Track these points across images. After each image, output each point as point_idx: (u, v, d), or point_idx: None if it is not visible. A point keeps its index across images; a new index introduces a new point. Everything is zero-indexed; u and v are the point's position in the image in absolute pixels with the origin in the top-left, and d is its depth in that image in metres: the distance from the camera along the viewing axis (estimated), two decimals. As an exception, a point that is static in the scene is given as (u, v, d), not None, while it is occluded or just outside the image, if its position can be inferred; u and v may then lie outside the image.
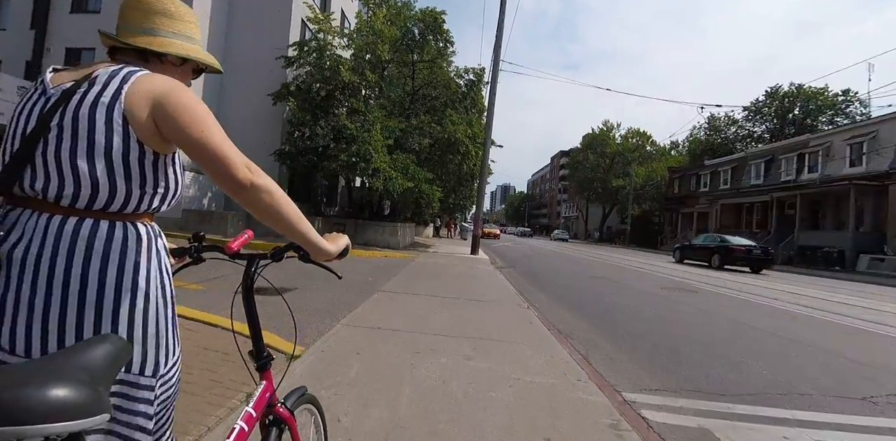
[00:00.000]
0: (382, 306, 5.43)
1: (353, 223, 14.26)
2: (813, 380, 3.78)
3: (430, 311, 5.29)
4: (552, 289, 8.98)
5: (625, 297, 8.39)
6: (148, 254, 0.92)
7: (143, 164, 0.89)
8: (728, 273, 15.39)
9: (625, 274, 13.08)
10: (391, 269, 9.39)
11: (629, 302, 7.77)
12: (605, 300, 7.83)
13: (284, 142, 13.85)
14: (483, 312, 5.53)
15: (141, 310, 0.89)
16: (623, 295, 8.65)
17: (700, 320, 6.51)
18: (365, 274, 8.35)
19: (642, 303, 7.77)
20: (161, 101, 0.87)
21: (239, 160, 0.87)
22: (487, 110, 15.65)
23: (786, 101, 44.30)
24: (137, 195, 0.90)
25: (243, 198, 0.89)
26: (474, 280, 8.75)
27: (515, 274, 11.48)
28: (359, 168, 12.08)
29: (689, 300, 8.36)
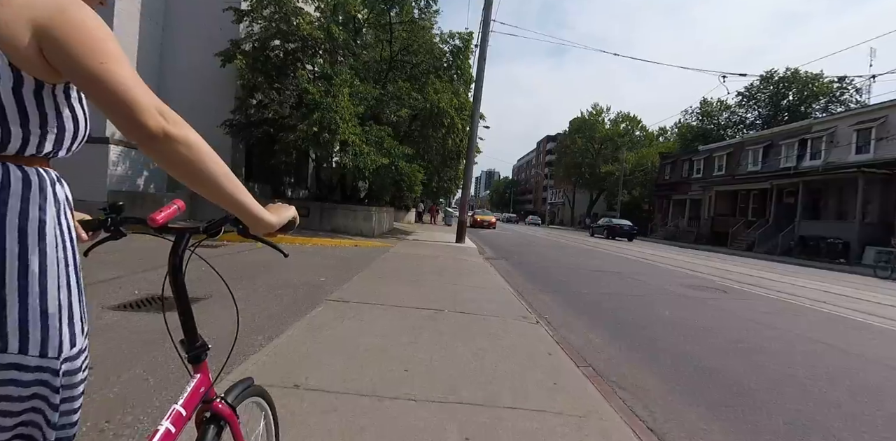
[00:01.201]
0: (320, 333, 3.52)
1: (318, 207, 12.21)
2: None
3: (398, 341, 3.41)
4: (556, 288, 7.20)
5: (648, 299, 6.66)
6: (41, 201, 0.75)
7: (21, 95, 0.70)
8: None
9: (631, 266, 11.41)
10: (357, 263, 7.48)
11: (658, 308, 6.02)
12: (627, 306, 6.07)
13: (234, 110, 11.61)
14: (479, 337, 3.69)
15: (36, 272, 0.73)
16: (645, 297, 6.92)
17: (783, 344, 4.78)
18: (319, 270, 6.42)
19: (679, 310, 6.03)
20: (47, 20, 0.68)
21: (148, 102, 0.68)
22: (476, 77, 13.62)
23: (781, 86, 43.13)
24: (18, 135, 0.71)
25: (153, 151, 0.70)
26: (462, 278, 6.91)
27: (508, 267, 9.69)
28: (322, 140, 10.01)
29: (715, 299, 6.69)
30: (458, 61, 16.21)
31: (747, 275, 11.37)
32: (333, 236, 11.14)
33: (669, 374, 3.39)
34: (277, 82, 11.02)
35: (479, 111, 13.62)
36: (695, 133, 48.29)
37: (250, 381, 1.19)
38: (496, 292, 5.93)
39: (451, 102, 12.65)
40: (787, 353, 4.19)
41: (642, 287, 7.93)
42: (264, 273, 5.88)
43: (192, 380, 0.95)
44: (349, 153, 10.86)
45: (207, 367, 0.99)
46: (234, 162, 13.51)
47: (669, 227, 36.20)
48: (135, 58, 12.95)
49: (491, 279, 7.15)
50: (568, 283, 7.79)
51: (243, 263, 6.53)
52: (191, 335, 0.96)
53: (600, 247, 19.54)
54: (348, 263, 7.46)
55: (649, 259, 14.15)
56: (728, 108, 47.00)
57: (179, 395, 0.89)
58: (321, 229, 12.17)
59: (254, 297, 4.39)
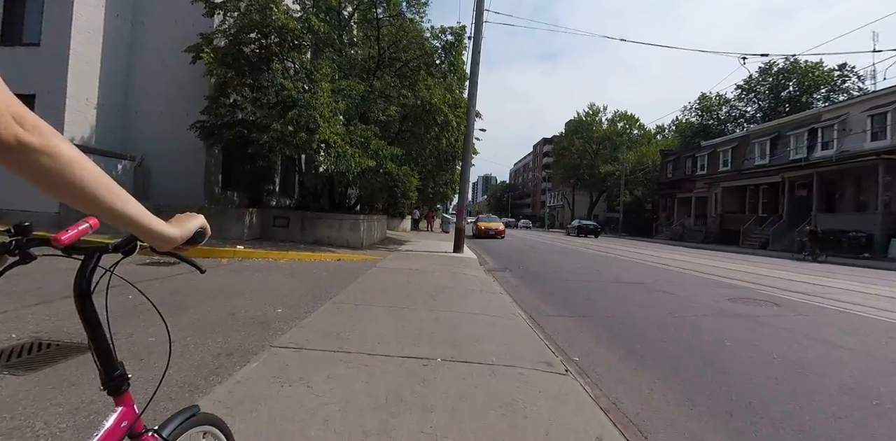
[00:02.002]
0: (235, 418, 2.20)
1: (299, 216, 10.91)
2: None
3: (357, 432, 2.10)
4: (575, 308, 5.90)
5: (693, 320, 5.36)
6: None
7: None
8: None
9: (651, 274, 10.12)
10: (333, 284, 6.18)
11: (712, 334, 4.72)
12: (674, 333, 4.77)
13: (205, 111, 10.34)
14: (489, 414, 2.37)
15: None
16: (688, 317, 5.62)
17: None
18: (281, 296, 5.12)
19: (741, 336, 4.73)
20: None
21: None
22: (470, 72, 12.42)
23: (780, 77, 42.14)
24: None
25: (6, 162, 0.60)
26: (461, 300, 5.61)
27: (514, 280, 8.39)
28: (298, 140, 8.74)
29: (772, 316, 5.38)
30: (450, 57, 15.05)
31: (783, 278, 10.08)
32: (315, 249, 9.84)
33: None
34: (251, 78, 9.79)
35: (474, 108, 12.38)
36: (694, 129, 47.26)
37: (195, 408, 1.12)
38: (505, 321, 4.62)
39: (445, 98, 11.43)
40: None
41: (677, 303, 6.62)
42: (206, 301, 4.58)
43: (112, 414, 0.88)
44: (331, 155, 9.60)
45: (131, 399, 0.92)
46: (209, 168, 12.25)
47: (675, 226, 34.93)
48: (98, 54, 11.75)
49: (496, 300, 5.85)
50: (588, 301, 6.49)
51: (192, 287, 5.24)
52: (107, 365, 0.89)
53: (606, 251, 18.25)
54: (322, 284, 6.15)
55: (667, 264, 12.86)
56: (727, 102, 46.01)
57: (94, 433, 0.82)
58: (302, 241, 10.87)
59: (160, 346, 3.08)
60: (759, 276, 10.29)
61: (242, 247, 8.79)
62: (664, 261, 13.70)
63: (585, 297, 6.82)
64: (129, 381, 0.91)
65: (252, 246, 9.38)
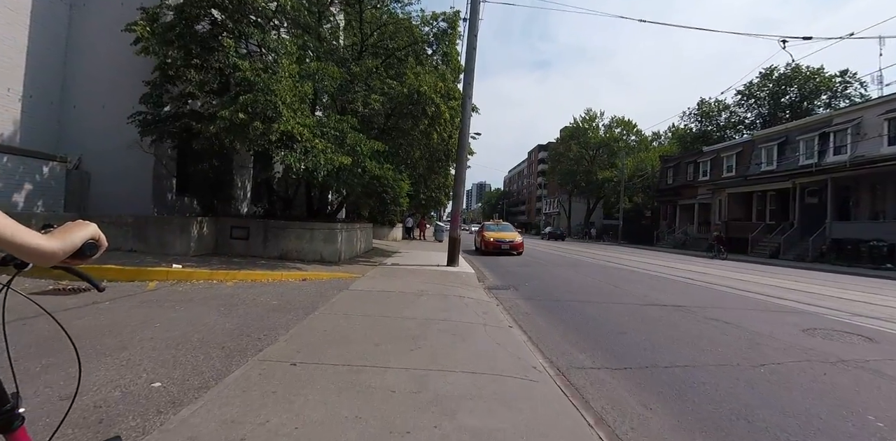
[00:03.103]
0: None
1: (261, 226, 9.16)
2: None
3: None
4: (625, 355, 4.21)
5: (786, 374, 3.70)
6: None
7: None
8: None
9: (682, 291, 8.48)
10: (277, 321, 4.45)
11: (835, 401, 3.05)
12: (782, 403, 3.09)
13: (143, 99, 8.59)
14: None
15: None
16: (779, 369, 3.95)
17: None
18: (176, 351, 3.36)
19: (871, 401, 3.06)
20: None
21: None
22: (466, 58, 10.84)
23: (781, 83, 41.25)
24: None
25: None
26: (457, 348, 3.89)
27: (522, 304, 6.69)
28: (252, 131, 7.05)
29: (876, 361, 3.74)
30: (443, 47, 13.51)
31: (839, 297, 8.47)
32: (277, 266, 8.08)
33: None
34: (198, 59, 8.10)
35: (470, 100, 10.78)
36: (693, 136, 46.19)
37: (117, 439, 1.04)
38: (529, 388, 2.92)
39: (436, 87, 9.80)
40: None
41: (746, 340, 4.96)
42: (50, 359, 2.80)
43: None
44: (297, 151, 7.90)
45: (26, 436, 0.87)
46: (158, 170, 10.47)
47: (678, 234, 33.49)
48: (25, 38, 10.01)
49: (507, 342, 4.14)
50: (627, 338, 4.80)
51: (59, 332, 3.42)
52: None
53: (614, 260, 16.63)
54: (262, 322, 4.42)
55: (689, 278, 11.24)
56: (727, 108, 45.03)
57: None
58: (265, 256, 9.11)
59: None
60: (809, 295, 8.68)
61: (180, 266, 7.03)
62: (682, 273, 12.08)
63: (620, 330, 5.13)
64: (24, 415, 0.83)
65: (197, 264, 7.61)
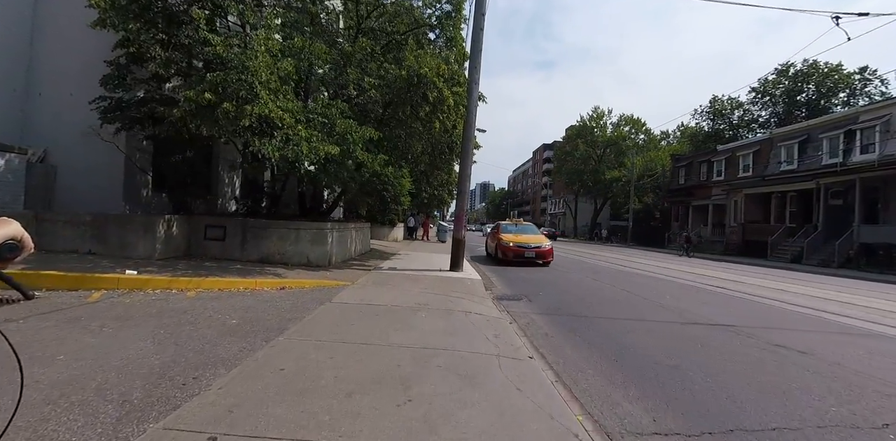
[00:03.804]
0: None
1: (239, 225, 8.06)
2: None
3: None
4: (692, 409, 3.09)
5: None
6: None
7: None
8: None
9: (719, 303, 7.32)
10: (227, 350, 3.35)
11: None
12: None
13: (104, 81, 7.47)
14: None
15: None
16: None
17: None
18: (49, 407, 2.25)
19: None
20: None
21: None
22: (472, 38, 9.71)
23: (798, 80, 39.84)
24: None
25: None
26: (463, 397, 2.76)
27: (543, 323, 5.55)
28: (221, 115, 5.96)
29: None
30: (447, 31, 12.41)
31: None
32: (252, 272, 6.97)
33: None
34: (164, 33, 7.02)
35: (477, 86, 9.65)
36: (704, 134, 44.86)
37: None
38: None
39: (439, 70, 8.68)
40: None
41: (838, 379, 3.82)
42: None
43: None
44: (277, 138, 6.81)
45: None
46: (130, 164, 9.39)
47: (691, 236, 32.18)
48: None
49: (529, 388, 3.01)
50: (688, 378, 3.66)
51: None
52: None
53: (631, 265, 15.45)
54: (203, 353, 3.32)
55: (723, 287, 10.07)
56: (740, 105, 43.65)
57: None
58: (244, 259, 8.01)
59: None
60: (866, 310, 7.49)
61: (135, 272, 5.94)
62: (710, 281, 10.91)
63: (670, 362, 4.00)
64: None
65: (159, 269, 6.53)
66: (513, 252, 12.54)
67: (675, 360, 4.09)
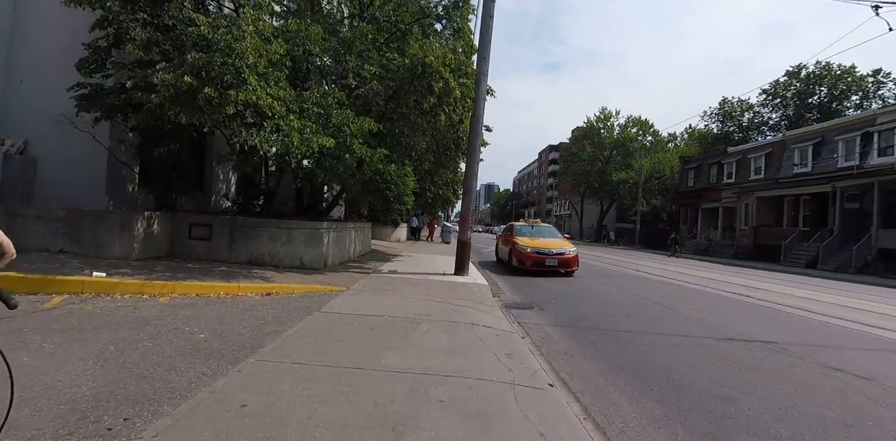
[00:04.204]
0: None
1: (226, 223, 7.45)
2: None
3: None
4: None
5: None
6: None
7: None
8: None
9: (757, 316, 6.65)
10: (184, 375, 2.71)
11: None
12: None
13: (80, 66, 6.86)
14: None
15: None
16: None
17: None
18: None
19: None
20: None
21: None
22: (482, 25, 9.09)
23: (809, 82, 39.00)
24: None
25: None
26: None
27: (560, 338, 4.90)
28: (203, 102, 5.36)
29: None
30: (454, 22, 11.81)
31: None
32: (238, 275, 6.35)
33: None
34: (144, 12, 6.44)
35: (485, 78, 9.03)
36: (713, 137, 44.07)
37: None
38: None
39: (445, 59, 8.06)
40: None
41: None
42: None
43: None
44: (266, 129, 6.19)
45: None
46: (111, 158, 8.78)
47: (700, 239, 31.46)
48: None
49: (554, 430, 2.38)
50: (745, 418, 3.02)
51: None
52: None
53: (643, 269, 14.78)
54: (148, 380, 2.68)
55: (749, 296, 9.38)
56: (750, 108, 42.83)
57: None
58: (231, 260, 7.40)
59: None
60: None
61: (103, 274, 5.34)
62: (732, 288, 10.21)
63: (717, 392, 3.36)
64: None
65: (134, 271, 5.92)
66: (531, 259, 10.73)
67: (721, 389, 3.44)
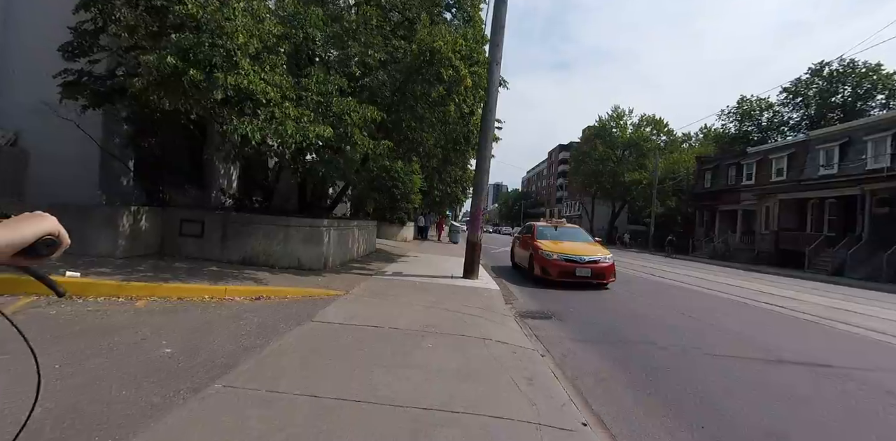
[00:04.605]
0: None
1: (219, 220, 6.91)
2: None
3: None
4: None
5: None
6: None
7: None
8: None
9: (803, 333, 5.95)
10: (125, 408, 2.12)
11: None
12: None
13: (62, 49, 6.37)
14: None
15: None
16: None
17: None
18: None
19: None
20: None
21: None
22: (495, 9, 8.48)
23: (833, 80, 37.68)
24: None
25: None
26: None
27: (593, 360, 4.27)
28: (189, 85, 4.81)
29: None
30: (463, 12, 11.21)
31: None
32: (227, 276, 5.82)
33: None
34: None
35: (498, 66, 8.41)
36: (731, 136, 42.85)
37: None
38: None
39: (456, 45, 7.46)
40: None
41: None
42: None
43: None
44: (260, 118, 5.65)
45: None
46: (103, 154, 8.28)
47: (717, 243, 30.46)
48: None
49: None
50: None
51: None
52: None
53: (665, 275, 14.05)
54: (82, 413, 2.11)
55: (784, 307, 8.66)
56: (770, 107, 41.54)
57: None
58: (223, 259, 6.87)
59: None
60: None
61: (77, 273, 4.83)
62: (761, 296, 9.48)
63: (777, 429, 2.73)
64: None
65: (115, 270, 5.41)
66: (558, 268, 8.83)
67: (781, 424, 2.80)
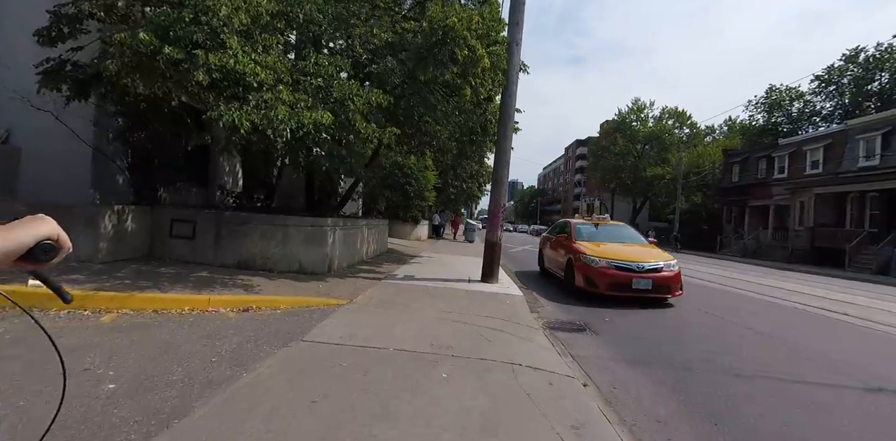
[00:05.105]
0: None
1: (212, 219, 6.27)
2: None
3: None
4: None
5: None
6: None
7: None
8: None
9: (880, 352, 5.05)
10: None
11: None
12: None
13: (38, 34, 5.78)
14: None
15: None
16: None
17: None
18: None
19: None
20: None
21: None
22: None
23: (869, 66, 35.56)
24: None
25: None
26: None
27: (653, 397, 3.46)
28: (165, 65, 4.16)
29: None
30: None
31: None
32: (216, 282, 5.16)
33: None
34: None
35: (518, 48, 7.59)
36: (759, 128, 40.96)
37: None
38: None
39: (472, 22, 6.66)
40: None
41: None
42: None
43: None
44: (250, 103, 4.96)
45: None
46: (99, 147, 7.74)
47: (748, 240, 28.98)
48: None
49: None
50: None
51: None
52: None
53: (700, 276, 13.03)
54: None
55: (837, 310, 7.67)
56: (801, 96, 39.51)
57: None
58: (217, 262, 6.23)
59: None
60: None
61: (38, 282, 4.20)
62: (814, 300, 8.48)
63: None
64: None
65: (90, 277, 4.80)
66: (608, 278, 6.78)
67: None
